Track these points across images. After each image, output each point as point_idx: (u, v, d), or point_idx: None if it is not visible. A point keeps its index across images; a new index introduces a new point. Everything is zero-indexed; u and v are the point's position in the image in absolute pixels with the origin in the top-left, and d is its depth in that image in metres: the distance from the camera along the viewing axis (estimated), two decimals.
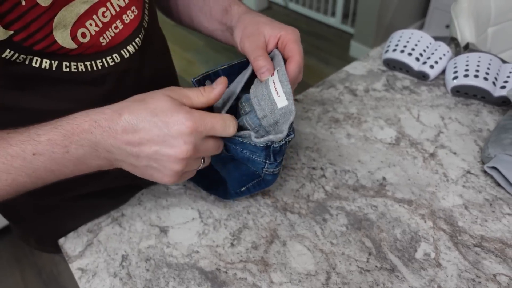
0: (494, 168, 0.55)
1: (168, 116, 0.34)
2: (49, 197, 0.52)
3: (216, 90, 0.39)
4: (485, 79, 0.67)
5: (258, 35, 0.44)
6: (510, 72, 0.69)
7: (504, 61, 0.72)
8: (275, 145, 0.41)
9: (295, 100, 0.73)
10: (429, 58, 0.75)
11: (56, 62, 0.40)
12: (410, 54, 0.75)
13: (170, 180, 0.38)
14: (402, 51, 0.75)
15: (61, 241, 0.54)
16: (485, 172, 0.57)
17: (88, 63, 0.42)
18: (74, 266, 0.51)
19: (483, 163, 0.58)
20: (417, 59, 0.75)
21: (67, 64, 0.40)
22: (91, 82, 0.44)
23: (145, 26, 0.48)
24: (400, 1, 2.19)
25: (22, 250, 1.53)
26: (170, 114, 0.34)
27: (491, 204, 0.53)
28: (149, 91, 0.47)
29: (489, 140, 0.59)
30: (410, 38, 0.77)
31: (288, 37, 0.44)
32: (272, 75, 0.41)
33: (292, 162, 0.62)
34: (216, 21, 0.52)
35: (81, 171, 0.37)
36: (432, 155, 0.61)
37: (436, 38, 0.79)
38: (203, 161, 0.41)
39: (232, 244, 0.51)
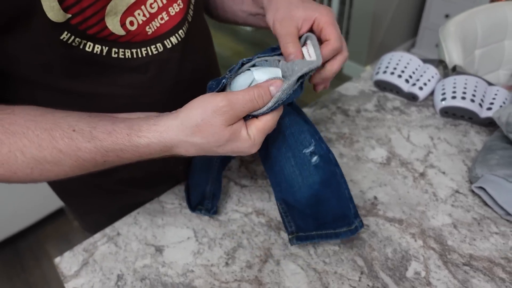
0: (481, 188, 0.57)
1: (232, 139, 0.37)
2: (98, 177, 0.56)
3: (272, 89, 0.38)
4: (472, 100, 0.70)
5: (290, 19, 0.43)
6: (496, 94, 0.72)
7: (490, 83, 0.75)
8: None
9: None
10: (418, 80, 0.77)
11: (107, 48, 0.43)
12: (400, 76, 0.77)
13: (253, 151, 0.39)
14: (392, 73, 0.78)
15: (57, 260, 0.54)
16: (473, 191, 0.59)
17: (134, 50, 0.45)
18: (69, 286, 0.51)
19: (471, 182, 0.60)
20: (407, 81, 0.77)
21: (116, 50, 0.44)
22: (136, 69, 0.47)
23: (189, 20, 0.51)
24: (391, 20, 2.26)
25: (14, 267, 1.51)
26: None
27: (479, 223, 0.55)
28: (188, 82, 0.51)
29: (476, 160, 0.61)
30: (399, 60, 0.80)
31: (324, 19, 0.43)
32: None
33: None
34: (248, 5, 0.54)
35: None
36: (422, 174, 0.63)
37: (425, 61, 0.81)
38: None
39: (226, 264, 0.52)
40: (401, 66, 0.79)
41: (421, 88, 0.76)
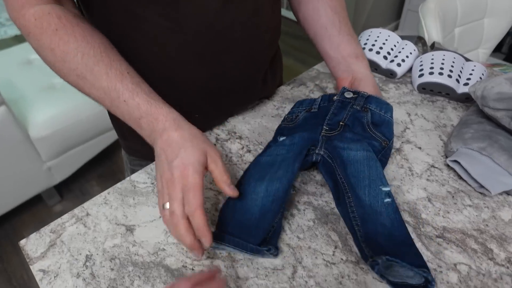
0: (456, 161, 0.57)
1: (179, 170, 0.44)
2: None
3: (228, 189, 0.47)
4: (449, 76, 0.70)
5: (369, 84, 0.62)
6: (473, 70, 0.72)
7: (467, 59, 0.75)
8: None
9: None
10: (396, 56, 0.76)
11: None
12: (378, 52, 0.76)
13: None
14: (371, 50, 0.77)
15: (22, 242, 0.52)
16: (448, 165, 0.59)
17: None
18: (35, 268, 0.49)
19: (446, 157, 0.60)
20: (385, 57, 0.76)
21: None
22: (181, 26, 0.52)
23: None
24: (374, 3, 2.24)
25: None
26: (183, 167, 0.44)
27: (453, 197, 0.55)
28: (225, 36, 0.55)
29: (451, 135, 0.61)
30: (378, 37, 0.78)
31: None
32: None
33: None
34: (340, 54, 0.63)
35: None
36: (398, 150, 0.62)
37: (403, 37, 0.80)
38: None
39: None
40: (380, 43, 0.78)
41: (399, 65, 0.76)
